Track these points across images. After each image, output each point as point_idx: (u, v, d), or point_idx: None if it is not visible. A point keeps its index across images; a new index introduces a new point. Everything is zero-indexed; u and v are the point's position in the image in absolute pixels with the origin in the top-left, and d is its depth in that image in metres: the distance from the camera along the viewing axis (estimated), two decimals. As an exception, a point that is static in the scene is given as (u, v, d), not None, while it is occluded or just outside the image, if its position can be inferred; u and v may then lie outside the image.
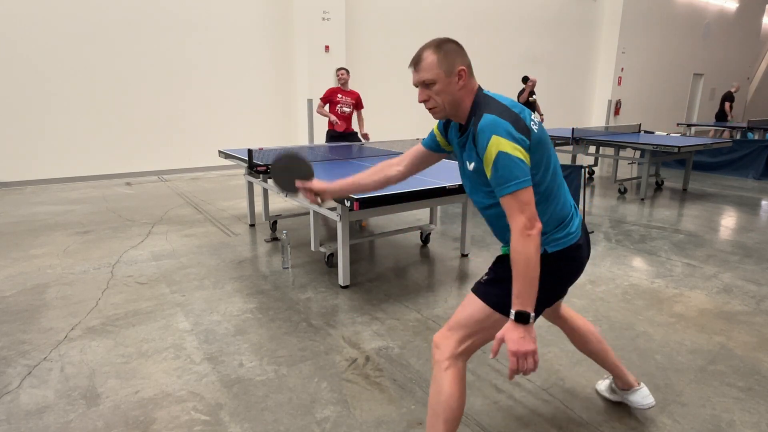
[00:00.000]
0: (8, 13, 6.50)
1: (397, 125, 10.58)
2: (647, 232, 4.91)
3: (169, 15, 7.61)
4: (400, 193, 3.09)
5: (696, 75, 17.93)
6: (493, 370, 2.45)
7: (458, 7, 10.88)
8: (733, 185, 7.47)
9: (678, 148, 5.93)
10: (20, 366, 2.46)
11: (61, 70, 6.96)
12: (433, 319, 2.99)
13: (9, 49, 6.59)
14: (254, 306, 3.17)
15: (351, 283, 3.55)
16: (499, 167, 1.42)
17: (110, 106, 7.40)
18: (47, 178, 7.15)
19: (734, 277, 3.71)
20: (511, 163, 1.41)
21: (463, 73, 1.58)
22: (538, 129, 1.55)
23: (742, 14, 18.96)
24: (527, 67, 12.62)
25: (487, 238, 4.66)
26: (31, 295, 3.30)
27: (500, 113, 1.47)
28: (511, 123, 1.45)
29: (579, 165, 4.85)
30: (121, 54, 7.34)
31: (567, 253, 1.64)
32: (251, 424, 2.04)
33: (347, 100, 5.96)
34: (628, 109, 15.18)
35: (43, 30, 6.75)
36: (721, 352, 2.64)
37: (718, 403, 2.20)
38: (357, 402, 2.19)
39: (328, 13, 8.61)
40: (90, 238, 4.57)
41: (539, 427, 2.03)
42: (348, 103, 5.97)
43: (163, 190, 6.79)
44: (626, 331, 2.86)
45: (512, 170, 1.41)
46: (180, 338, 2.75)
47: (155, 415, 2.10)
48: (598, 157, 9.15)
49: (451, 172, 3.82)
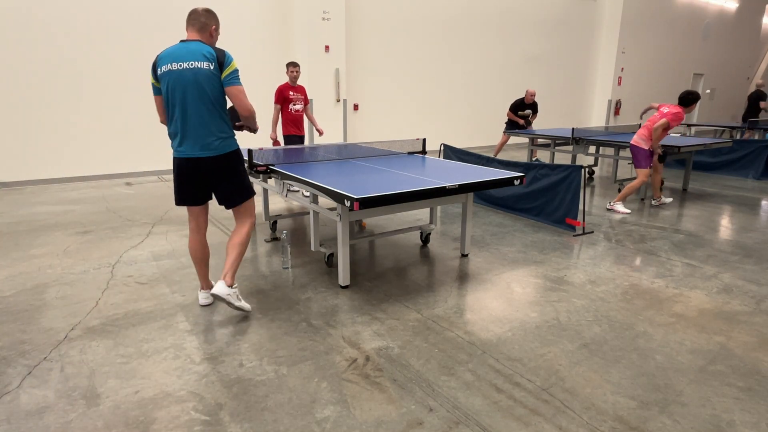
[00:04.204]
0: (8, 14, 6.50)
1: (397, 125, 10.58)
2: (647, 232, 4.91)
3: (169, 15, 7.61)
4: (400, 193, 3.09)
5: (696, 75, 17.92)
6: (493, 370, 2.45)
7: (458, 8, 10.88)
8: (733, 185, 7.47)
9: (678, 148, 5.93)
10: (20, 366, 2.46)
11: (61, 70, 6.96)
12: (433, 319, 2.99)
13: (9, 49, 6.59)
14: (254, 306, 3.17)
15: (351, 283, 3.55)
16: None
17: (110, 106, 7.40)
18: (47, 178, 7.15)
19: (734, 277, 3.71)
20: None
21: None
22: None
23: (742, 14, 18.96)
24: (527, 67, 12.63)
25: (487, 238, 4.66)
26: (31, 295, 3.30)
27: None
28: None
29: (579, 165, 4.85)
30: (121, 54, 7.34)
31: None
32: (251, 424, 2.04)
33: (298, 96, 5.86)
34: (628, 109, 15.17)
35: (43, 30, 6.75)
36: (721, 352, 2.64)
37: (718, 403, 2.20)
38: (357, 402, 2.19)
39: (328, 13, 8.61)
40: (90, 238, 4.57)
41: (539, 427, 2.03)
42: (299, 100, 5.87)
43: (163, 190, 6.79)
44: (626, 331, 2.86)
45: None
46: (180, 338, 2.75)
47: (155, 415, 2.10)
48: (598, 157, 9.15)
49: (452, 172, 3.82)
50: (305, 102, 5.98)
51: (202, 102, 2.74)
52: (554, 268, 3.89)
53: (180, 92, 2.71)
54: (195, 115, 2.75)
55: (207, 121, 2.77)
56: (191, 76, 2.70)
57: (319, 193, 3.36)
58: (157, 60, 2.75)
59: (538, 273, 3.78)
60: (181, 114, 2.75)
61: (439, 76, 11.01)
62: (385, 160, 4.52)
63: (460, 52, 11.22)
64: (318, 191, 3.35)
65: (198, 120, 2.75)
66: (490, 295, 3.36)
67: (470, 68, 11.50)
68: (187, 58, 2.70)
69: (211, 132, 2.79)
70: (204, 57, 2.71)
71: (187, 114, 2.74)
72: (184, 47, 2.73)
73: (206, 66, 2.71)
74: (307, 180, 3.47)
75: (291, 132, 5.97)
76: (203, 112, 2.75)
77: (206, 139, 2.79)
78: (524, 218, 5.41)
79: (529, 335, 2.81)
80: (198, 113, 2.75)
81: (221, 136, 2.83)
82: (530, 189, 5.33)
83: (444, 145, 6.62)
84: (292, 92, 5.81)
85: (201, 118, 2.76)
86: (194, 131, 2.77)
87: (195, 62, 2.70)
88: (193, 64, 2.70)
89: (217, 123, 2.81)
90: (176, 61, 2.70)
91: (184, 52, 2.71)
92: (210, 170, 2.84)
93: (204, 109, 2.75)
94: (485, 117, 12.08)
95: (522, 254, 4.22)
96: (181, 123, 2.76)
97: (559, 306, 3.20)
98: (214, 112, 2.79)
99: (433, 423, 2.05)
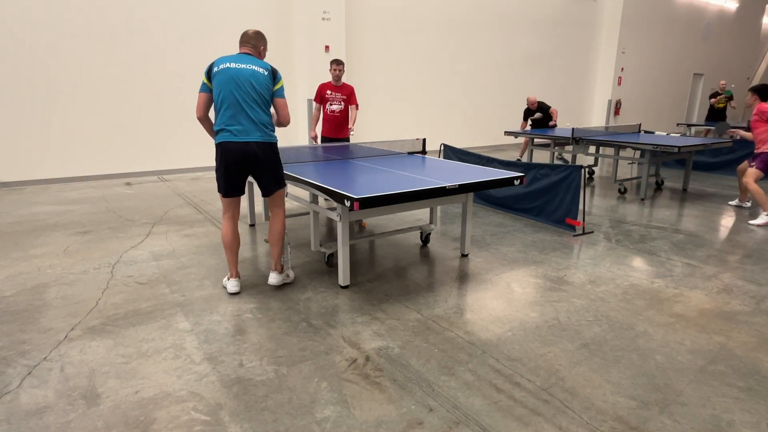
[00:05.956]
0: (8, 14, 6.50)
1: (397, 125, 10.58)
2: (647, 232, 4.91)
3: (169, 15, 7.61)
4: (400, 193, 3.09)
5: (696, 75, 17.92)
6: (493, 370, 2.45)
7: (458, 7, 10.88)
8: (733, 185, 7.47)
9: (678, 148, 5.93)
10: (20, 366, 2.46)
11: (62, 70, 6.96)
12: (433, 319, 2.99)
13: (9, 49, 6.59)
14: (254, 306, 3.17)
15: (351, 283, 3.55)
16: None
17: (110, 106, 7.40)
18: (47, 178, 7.15)
19: (734, 277, 3.71)
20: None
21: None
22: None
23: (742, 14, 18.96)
24: (527, 67, 12.63)
25: (487, 238, 4.66)
26: (31, 295, 3.30)
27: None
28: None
29: (579, 165, 4.85)
30: (121, 54, 7.34)
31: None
32: (251, 424, 2.04)
33: (337, 96, 5.42)
34: (628, 109, 15.17)
35: (43, 30, 6.74)
36: (721, 352, 2.64)
37: (718, 403, 2.20)
38: (357, 402, 2.19)
39: (328, 13, 8.61)
40: (90, 238, 4.57)
41: (539, 427, 2.03)
42: (338, 100, 5.43)
43: (163, 190, 6.79)
44: (626, 331, 2.86)
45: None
46: (180, 338, 2.75)
47: (155, 415, 2.10)
48: (598, 157, 9.15)
49: (452, 172, 3.82)
50: (349, 103, 5.48)
51: (256, 95, 3.10)
52: (554, 268, 3.89)
53: (235, 84, 3.05)
54: (247, 106, 3.08)
55: (258, 112, 3.12)
56: (249, 74, 3.08)
57: (319, 193, 3.36)
58: (215, 62, 3.12)
59: (538, 273, 3.78)
60: (235, 103, 3.06)
61: (439, 76, 11.01)
62: (385, 160, 4.52)
63: (460, 52, 11.22)
64: (318, 191, 3.35)
65: (250, 110, 3.08)
66: (490, 295, 3.36)
67: (470, 68, 11.50)
68: (246, 62, 3.11)
69: (261, 121, 3.13)
70: (261, 65, 3.15)
71: (240, 103, 3.06)
72: (243, 56, 3.16)
73: (262, 71, 3.13)
74: (307, 180, 3.47)
75: (327, 134, 5.58)
76: (255, 105, 3.10)
77: (257, 126, 3.11)
78: (524, 218, 5.41)
79: (529, 335, 2.81)
80: (250, 104, 3.08)
81: (268, 127, 3.18)
82: (530, 189, 5.33)
83: (444, 145, 6.62)
84: (329, 91, 5.41)
85: (253, 109, 3.09)
86: (246, 119, 3.08)
87: (253, 66, 3.12)
88: (251, 66, 3.11)
89: (266, 116, 3.17)
90: (235, 62, 3.09)
91: (244, 58, 3.13)
92: (256, 156, 3.12)
93: (255, 102, 3.10)
94: (485, 117, 12.08)
95: (522, 254, 4.22)
96: (234, 111, 3.07)
97: (559, 306, 3.20)
98: (265, 107, 3.16)
99: (433, 423, 2.05)
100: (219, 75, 3.07)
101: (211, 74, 3.11)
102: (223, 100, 3.07)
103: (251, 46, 3.23)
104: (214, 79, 3.09)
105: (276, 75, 3.20)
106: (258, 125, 3.11)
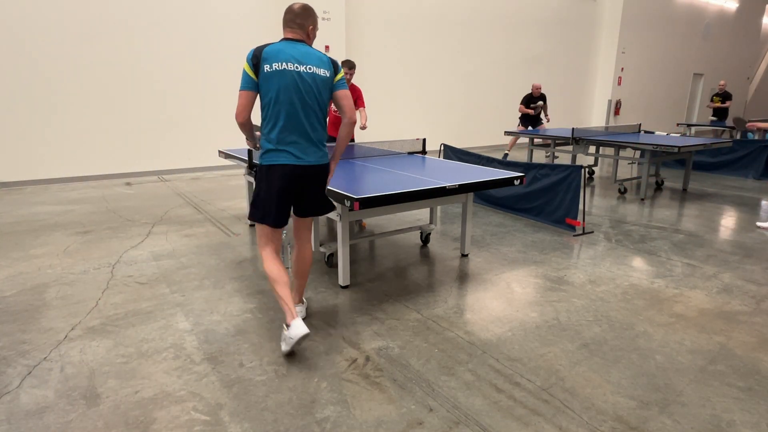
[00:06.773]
0: (8, 14, 6.50)
1: (398, 124, 10.58)
2: (647, 232, 4.91)
3: (169, 15, 7.61)
4: (401, 193, 3.09)
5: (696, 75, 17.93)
6: (493, 370, 2.45)
7: (458, 7, 10.88)
8: (733, 185, 7.47)
9: (678, 148, 5.93)
10: (20, 366, 2.46)
11: (62, 70, 6.96)
12: (433, 319, 2.99)
13: (10, 49, 6.58)
14: (254, 306, 3.17)
15: (351, 283, 3.55)
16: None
17: (110, 106, 7.40)
18: (47, 178, 7.15)
19: (734, 277, 3.71)
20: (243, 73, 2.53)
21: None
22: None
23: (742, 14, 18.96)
24: (527, 67, 12.63)
25: (487, 238, 4.66)
26: (31, 295, 3.30)
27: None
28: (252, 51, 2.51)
29: (579, 165, 4.85)
30: (121, 54, 7.34)
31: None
32: (251, 424, 2.04)
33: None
34: (628, 109, 15.18)
35: (43, 30, 6.74)
36: (721, 352, 2.64)
37: (718, 403, 2.20)
38: (357, 402, 2.19)
39: (328, 13, 8.61)
40: (90, 238, 4.58)
41: (539, 427, 2.03)
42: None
43: (163, 190, 6.79)
44: (626, 331, 2.86)
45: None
46: (180, 338, 2.75)
47: (155, 415, 2.10)
48: (598, 157, 9.15)
49: (452, 172, 3.82)
50: (356, 105, 5.46)
51: (318, 110, 2.60)
52: (554, 268, 3.89)
53: (296, 95, 2.50)
54: (309, 123, 2.57)
55: (317, 128, 2.63)
56: (311, 81, 2.53)
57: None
58: (264, 55, 2.46)
59: (538, 273, 3.78)
60: (295, 117, 2.53)
61: (439, 76, 11.01)
62: (385, 160, 4.52)
63: (460, 52, 11.22)
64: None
65: (311, 128, 2.59)
66: (490, 295, 3.36)
67: (470, 68, 11.50)
68: (305, 61, 2.52)
69: (319, 140, 2.65)
70: (321, 62, 2.57)
71: (302, 119, 2.55)
72: (300, 47, 2.54)
73: (323, 73, 2.56)
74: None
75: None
76: (314, 120, 2.60)
77: (317, 147, 2.63)
78: (524, 218, 5.41)
79: (529, 335, 2.81)
80: (312, 121, 2.59)
81: (324, 145, 2.71)
82: (530, 189, 5.33)
83: (444, 145, 6.62)
84: None
85: (312, 125, 2.59)
86: (306, 138, 2.58)
87: (314, 66, 2.53)
88: (311, 68, 2.53)
89: (323, 132, 2.69)
90: (292, 61, 2.49)
91: (301, 53, 2.52)
92: (310, 180, 2.64)
93: (315, 117, 2.60)
94: (485, 117, 12.08)
95: (522, 254, 4.22)
96: (293, 127, 2.54)
97: (559, 306, 3.20)
98: (323, 121, 2.67)
99: (433, 423, 2.05)
100: (274, 77, 2.46)
101: (259, 69, 2.47)
102: (279, 111, 2.50)
103: (298, 27, 2.57)
104: (267, 80, 2.47)
105: (337, 69, 2.63)
106: (317, 145, 2.63)
